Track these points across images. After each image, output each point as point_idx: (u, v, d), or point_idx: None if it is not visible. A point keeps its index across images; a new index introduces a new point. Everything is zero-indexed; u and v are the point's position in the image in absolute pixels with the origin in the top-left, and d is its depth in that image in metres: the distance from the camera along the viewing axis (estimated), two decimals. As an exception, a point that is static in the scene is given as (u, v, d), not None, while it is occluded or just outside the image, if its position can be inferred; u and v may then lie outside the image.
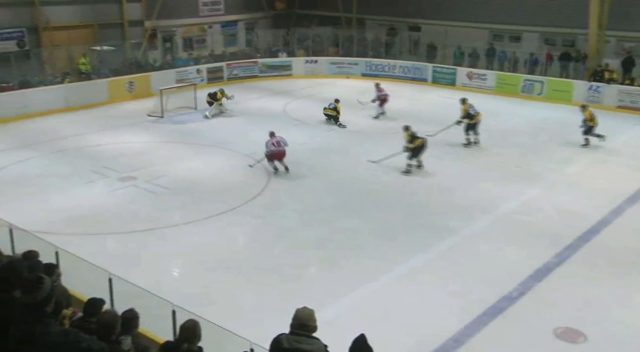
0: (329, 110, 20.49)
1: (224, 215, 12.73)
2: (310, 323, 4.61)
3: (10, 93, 20.79)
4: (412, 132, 15.64)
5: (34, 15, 23.45)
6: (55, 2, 24.06)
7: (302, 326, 4.57)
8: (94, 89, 22.86)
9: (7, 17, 22.76)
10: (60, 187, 14.26)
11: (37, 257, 6.39)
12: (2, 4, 22.55)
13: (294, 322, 4.61)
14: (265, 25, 32.94)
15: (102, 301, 5.55)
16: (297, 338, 4.52)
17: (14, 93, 20.87)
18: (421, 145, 15.45)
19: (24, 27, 23.12)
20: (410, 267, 10.56)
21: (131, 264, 10.26)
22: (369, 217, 12.70)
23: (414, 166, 15.62)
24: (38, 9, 23.39)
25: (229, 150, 17.22)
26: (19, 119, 20.15)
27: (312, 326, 4.61)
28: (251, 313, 9.07)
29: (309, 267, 10.72)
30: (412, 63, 27.87)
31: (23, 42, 23.03)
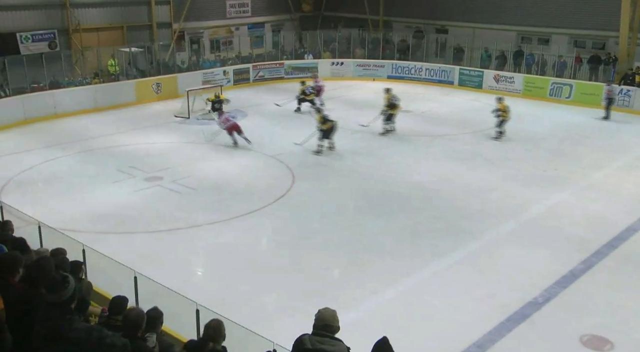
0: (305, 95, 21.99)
1: (248, 216, 12.80)
2: (333, 324, 4.60)
3: (40, 93, 21.19)
4: (323, 115, 17.25)
5: (65, 18, 23.87)
6: (86, 4, 24.47)
7: (325, 326, 4.57)
8: (122, 90, 23.19)
9: (40, 19, 23.20)
10: (88, 186, 14.49)
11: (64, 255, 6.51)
12: (35, 7, 23.00)
13: (316, 323, 4.61)
14: (291, 27, 33.07)
15: (126, 299, 5.63)
16: (320, 339, 4.51)
17: (45, 93, 21.26)
18: (331, 127, 16.85)
19: (55, 29, 23.54)
20: (435, 271, 10.49)
21: (156, 263, 10.37)
22: (394, 219, 12.66)
23: (326, 147, 17.05)
24: (69, 11, 23.81)
25: (254, 151, 17.31)
26: (48, 119, 20.53)
27: (335, 327, 4.61)
28: (275, 314, 9.11)
29: (333, 268, 10.72)
30: (438, 65, 27.73)
31: (54, 44, 23.45)
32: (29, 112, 20.40)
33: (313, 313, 4.76)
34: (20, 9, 22.62)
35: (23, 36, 22.56)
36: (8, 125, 19.46)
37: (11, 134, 18.85)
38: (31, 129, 19.55)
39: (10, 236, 6.80)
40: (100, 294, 7.97)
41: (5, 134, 18.72)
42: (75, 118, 20.98)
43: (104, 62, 24.02)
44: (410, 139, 18.85)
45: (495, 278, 10.24)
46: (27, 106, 20.44)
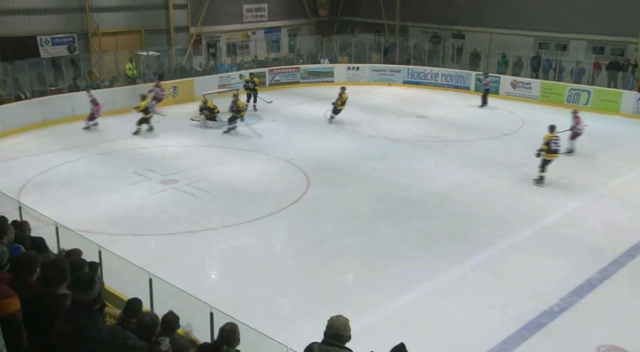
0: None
1: (263, 219, 12.81)
2: (344, 333, 4.53)
3: (59, 96, 21.40)
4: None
5: (84, 22, 24.12)
6: (105, 8, 24.70)
7: (336, 335, 4.49)
8: (140, 93, 23.31)
9: (60, 23, 23.46)
10: (105, 188, 14.60)
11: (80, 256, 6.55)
12: (55, 10, 23.26)
13: (327, 331, 4.54)
14: (308, 32, 33.14)
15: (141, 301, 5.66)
16: (329, 348, 4.44)
17: (63, 96, 21.47)
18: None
19: (75, 32, 23.80)
20: (450, 278, 10.42)
21: (171, 266, 10.41)
22: (409, 225, 12.60)
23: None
24: (88, 16, 24.05)
25: (269, 156, 17.34)
26: (67, 122, 20.71)
27: (345, 336, 4.53)
28: (288, 318, 9.10)
29: (347, 274, 10.69)
30: (454, 71, 27.62)
31: (73, 47, 23.70)
32: (47, 115, 20.61)
33: (327, 318, 4.73)
34: (41, 13, 22.89)
35: (43, 39, 22.83)
36: (27, 127, 19.68)
37: (30, 136, 19.04)
38: (50, 132, 19.75)
39: (29, 236, 6.85)
40: (115, 295, 8.01)
41: (24, 136, 18.92)
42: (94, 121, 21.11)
43: (121, 66, 24.23)
44: (426, 144, 18.78)
45: (510, 286, 10.14)
46: (46, 109, 20.66)
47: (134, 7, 25.62)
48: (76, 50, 23.68)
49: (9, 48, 21.42)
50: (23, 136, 18.91)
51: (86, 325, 3.59)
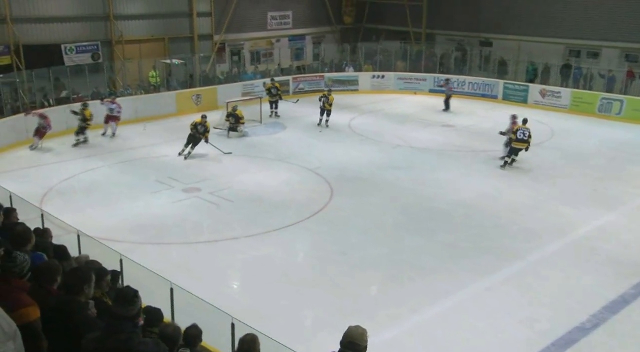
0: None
1: (285, 229, 12.81)
2: (360, 342, 4.49)
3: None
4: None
5: (108, 29, 24.51)
6: (129, 16, 25.07)
7: (351, 344, 4.47)
8: (163, 101, 23.63)
9: (84, 30, 23.86)
10: (126, 196, 14.75)
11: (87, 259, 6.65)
12: (79, 18, 23.67)
13: (343, 340, 4.52)
14: (332, 40, 33.25)
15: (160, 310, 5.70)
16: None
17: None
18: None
19: (99, 40, 24.18)
20: (476, 291, 10.30)
21: (192, 275, 10.45)
22: (434, 236, 12.50)
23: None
24: (112, 23, 24.44)
25: (292, 164, 17.38)
26: (90, 129, 20.98)
27: (361, 346, 4.49)
28: (311, 330, 9.07)
29: (370, 286, 10.62)
30: (482, 79, 27.45)
31: (97, 55, 24.08)
32: (71, 122, 20.88)
33: (350, 331, 4.70)
34: (65, 21, 23.30)
35: (67, 47, 23.23)
36: (50, 135, 19.95)
37: (53, 143, 19.34)
38: (72, 139, 20.02)
39: (51, 243, 6.94)
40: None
41: (47, 143, 19.22)
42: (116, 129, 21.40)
43: (145, 74, 24.54)
44: (452, 154, 18.65)
45: (540, 301, 9.98)
46: (69, 116, 20.95)
47: (158, 14, 25.96)
48: (100, 58, 24.05)
49: (33, 56, 21.82)
50: (46, 143, 19.20)
51: (132, 339, 3.62)
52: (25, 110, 19.73)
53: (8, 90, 20.74)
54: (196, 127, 18.14)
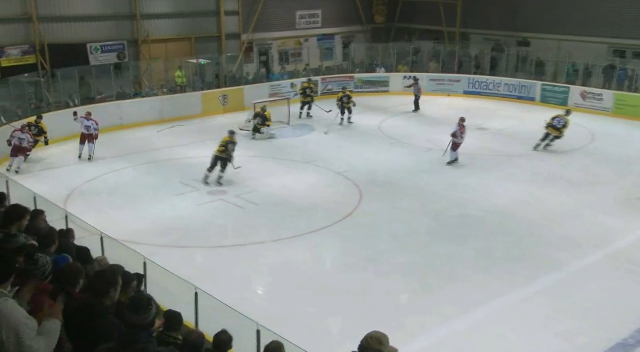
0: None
1: (313, 234, 12.84)
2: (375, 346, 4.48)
3: (107, 104, 22.11)
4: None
5: (134, 29, 24.90)
6: (156, 15, 25.43)
7: (366, 349, 4.46)
8: (188, 102, 23.89)
9: (110, 30, 24.28)
10: (151, 198, 14.94)
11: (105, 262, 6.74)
12: (105, 18, 24.10)
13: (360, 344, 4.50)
14: (363, 39, 33.24)
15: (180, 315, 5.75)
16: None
17: (111, 104, 22.18)
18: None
19: (125, 40, 24.58)
20: (511, 302, 10.18)
21: (217, 280, 10.54)
22: (467, 244, 12.40)
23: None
24: (139, 23, 24.81)
25: (320, 168, 17.41)
26: (115, 130, 21.35)
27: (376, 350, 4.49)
28: (337, 339, 9.05)
29: (400, 293, 10.58)
30: (519, 81, 27.14)
31: (123, 55, 24.48)
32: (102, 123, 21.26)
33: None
34: (92, 20, 23.74)
35: (93, 47, 23.67)
36: (75, 135, 20.32)
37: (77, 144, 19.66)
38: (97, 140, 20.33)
39: (74, 245, 7.07)
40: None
41: (72, 144, 19.55)
42: (141, 130, 21.73)
43: (171, 74, 24.85)
44: (486, 158, 18.49)
45: (579, 314, 9.82)
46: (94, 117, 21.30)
47: (185, 14, 26.29)
48: (126, 58, 24.44)
49: (59, 55, 22.29)
50: (70, 144, 19.55)
51: (148, 349, 3.66)
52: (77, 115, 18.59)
53: (33, 90, 21.20)
54: (225, 146, 16.01)
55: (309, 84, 24.27)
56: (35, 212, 7.72)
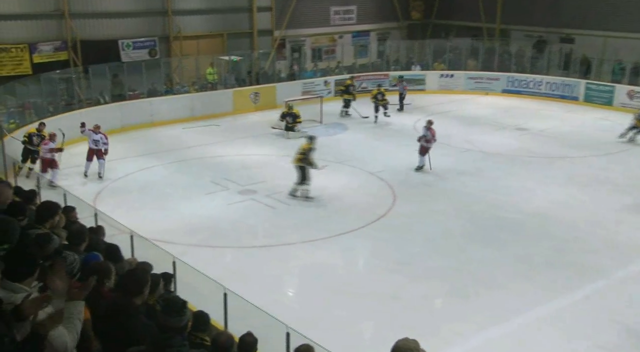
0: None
1: (345, 236, 12.81)
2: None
3: (138, 101, 22.43)
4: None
5: (166, 25, 25.18)
6: (188, 11, 25.69)
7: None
8: (219, 99, 24.10)
9: (142, 26, 24.59)
10: (181, 196, 15.08)
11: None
12: (137, 14, 24.43)
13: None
14: (398, 36, 33.10)
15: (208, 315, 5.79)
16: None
17: (142, 101, 22.49)
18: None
19: (156, 36, 24.88)
20: (551, 310, 9.99)
21: (246, 280, 10.57)
22: (505, 248, 12.23)
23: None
24: (171, 19, 25.09)
25: (353, 167, 17.37)
26: (145, 127, 21.65)
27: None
28: (369, 343, 9.03)
29: (434, 298, 10.49)
30: (561, 79, 26.71)
31: (154, 51, 24.77)
32: (126, 120, 21.61)
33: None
34: (123, 17, 24.08)
35: (125, 43, 24.00)
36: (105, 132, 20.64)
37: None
38: (127, 137, 20.66)
39: (104, 242, 7.16)
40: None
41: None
42: (172, 127, 21.98)
43: (202, 71, 25.08)
44: (525, 160, 18.23)
45: (623, 324, 9.59)
46: (124, 114, 21.69)
47: (217, 9, 26.48)
48: (157, 54, 24.73)
49: (90, 51, 22.66)
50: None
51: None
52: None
53: (64, 87, 21.61)
54: (306, 154, 15.10)
55: (352, 81, 24.26)
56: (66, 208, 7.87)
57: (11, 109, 19.24)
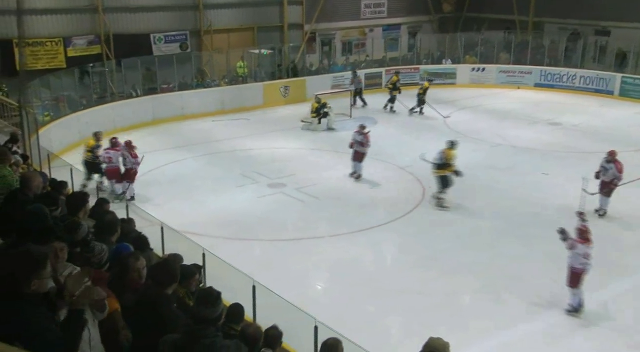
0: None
1: (373, 230, 12.81)
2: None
3: (169, 95, 22.66)
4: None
5: (197, 19, 25.36)
6: (218, 5, 25.83)
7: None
8: (250, 93, 24.22)
9: (173, 20, 24.83)
10: (211, 189, 15.22)
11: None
12: (169, 8, 24.66)
13: (423, 349, 4.51)
14: (430, 29, 32.84)
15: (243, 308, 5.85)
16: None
17: (173, 95, 22.71)
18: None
19: (187, 30, 25.09)
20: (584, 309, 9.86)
21: (274, 273, 10.65)
22: (536, 245, 12.08)
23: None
24: (202, 13, 25.26)
25: (383, 162, 17.33)
26: (176, 120, 21.86)
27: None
28: (396, 338, 9.04)
29: (462, 295, 10.44)
30: (596, 72, 26.22)
31: (185, 45, 25.00)
32: (157, 113, 21.86)
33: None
34: (155, 11, 24.32)
35: (156, 37, 24.26)
36: (136, 125, 20.94)
37: (139, 134, 20.22)
38: (158, 130, 20.90)
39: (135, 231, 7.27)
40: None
41: (134, 133, 20.08)
42: (202, 120, 22.17)
43: (232, 64, 25.21)
44: (558, 155, 17.98)
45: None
46: (156, 107, 21.93)
47: (247, 3, 26.59)
48: (188, 48, 24.94)
49: (122, 45, 22.95)
50: (132, 134, 20.09)
51: (215, 344, 3.74)
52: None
53: (97, 80, 21.93)
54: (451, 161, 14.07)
55: (398, 77, 24.11)
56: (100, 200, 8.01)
57: (45, 102, 19.58)
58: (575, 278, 9.49)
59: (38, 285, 3.32)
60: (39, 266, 3.35)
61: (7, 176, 6.85)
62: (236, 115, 22.94)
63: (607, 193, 13.69)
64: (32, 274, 3.29)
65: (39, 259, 3.38)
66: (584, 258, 9.43)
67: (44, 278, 3.36)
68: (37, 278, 3.31)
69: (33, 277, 3.29)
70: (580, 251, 9.44)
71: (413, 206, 14.10)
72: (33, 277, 3.29)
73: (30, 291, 3.28)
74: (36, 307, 3.31)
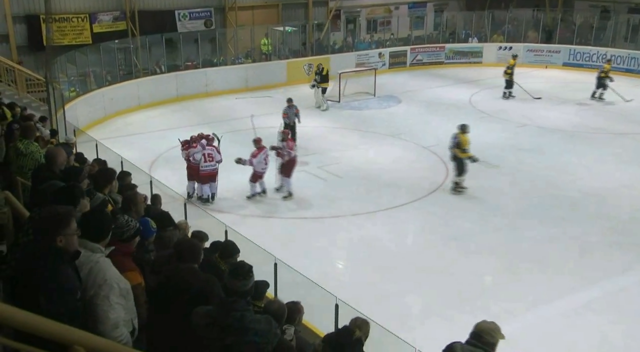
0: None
1: (396, 209, 12.79)
2: (485, 336, 4.60)
3: (193, 71, 22.73)
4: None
5: (222, -5, 25.30)
6: (244, -19, 25.73)
7: (479, 337, 4.59)
8: (273, 70, 24.20)
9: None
10: (233, 166, 15.24)
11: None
12: (194, -16, 24.64)
13: (473, 331, 4.67)
14: (456, 7, 32.36)
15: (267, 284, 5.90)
16: (472, 349, 4.53)
17: (197, 72, 22.78)
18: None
19: (212, 7, 25.03)
20: (607, 291, 9.78)
21: (296, 251, 10.71)
22: (559, 227, 11.98)
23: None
24: (227, -11, 25.18)
25: (406, 141, 17.25)
26: (200, 97, 21.94)
27: (489, 342, 4.59)
28: (417, 317, 9.05)
29: (484, 275, 10.40)
30: (627, 52, 25.70)
31: (210, 22, 24.96)
32: (181, 90, 21.96)
33: (459, 321, 4.69)
34: (180, -14, 24.32)
35: (181, 14, 24.25)
36: (161, 101, 21.06)
37: (163, 110, 20.37)
38: (182, 107, 21.00)
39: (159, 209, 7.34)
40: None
41: (158, 110, 20.27)
42: (226, 97, 22.20)
43: (257, 41, 25.14)
44: (586, 136, 17.73)
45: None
46: (180, 84, 22.03)
47: (272, -21, 26.41)
48: (212, 25, 24.91)
49: (147, 22, 22.99)
50: (156, 110, 20.24)
51: (245, 317, 3.77)
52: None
53: (122, 56, 22.05)
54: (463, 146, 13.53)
55: (514, 61, 22.97)
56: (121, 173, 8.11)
57: (72, 78, 19.77)
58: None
59: (65, 242, 3.45)
60: (63, 222, 3.49)
61: (34, 152, 6.95)
62: (259, 92, 22.95)
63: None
64: (57, 229, 3.44)
65: (63, 215, 3.53)
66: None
67: (69, 234, 3.48)
68: (63, 235, 3.44)
69: (58, 232, 3.43)
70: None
71: (436, 186, 14.04)
72: (58, 233, 3.42)
73: (58, 247, 3.41)
74: (65, 263, 3.42)
